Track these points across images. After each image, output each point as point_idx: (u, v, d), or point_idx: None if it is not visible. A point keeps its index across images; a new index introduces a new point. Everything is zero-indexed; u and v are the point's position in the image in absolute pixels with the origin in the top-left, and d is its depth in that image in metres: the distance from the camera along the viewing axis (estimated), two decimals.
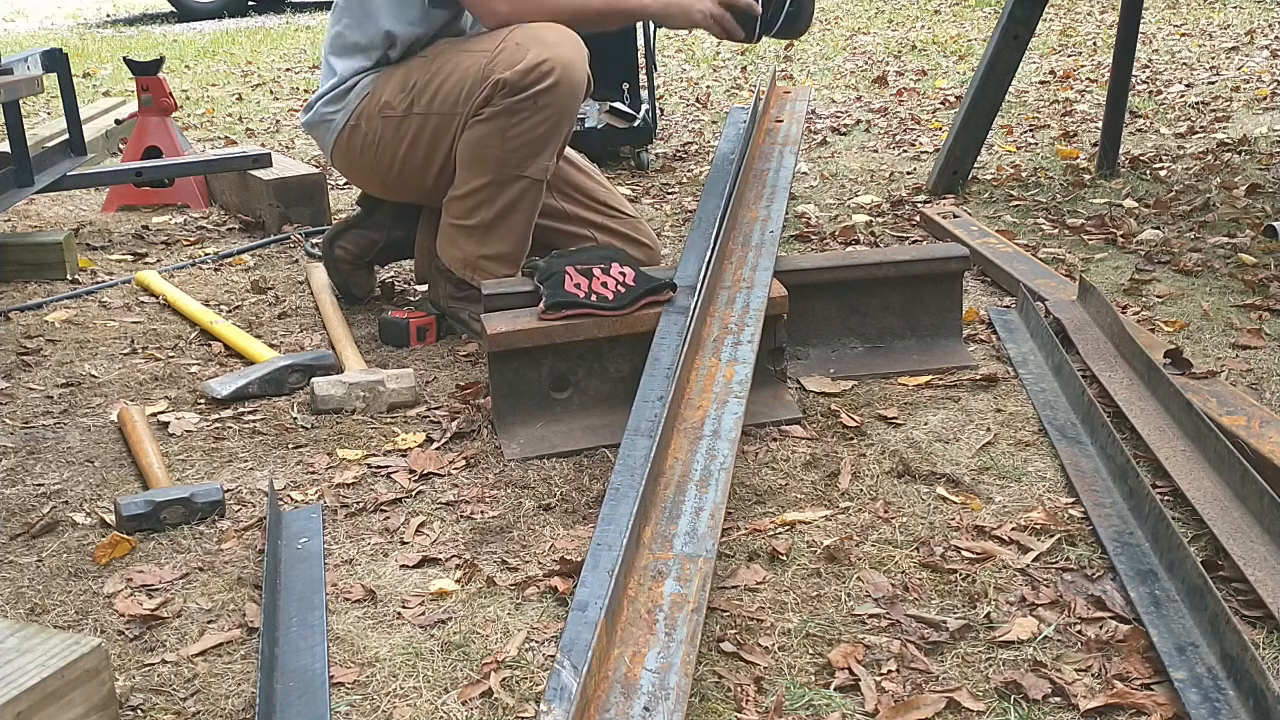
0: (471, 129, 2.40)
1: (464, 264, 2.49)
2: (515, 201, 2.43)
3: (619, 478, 1.64)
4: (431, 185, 2.53)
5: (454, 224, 2.49)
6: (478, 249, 2.47)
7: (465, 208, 2.45)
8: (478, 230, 2.46)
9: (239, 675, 1.45)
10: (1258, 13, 7.88)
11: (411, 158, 2.48)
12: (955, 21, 8.58)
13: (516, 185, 2.42)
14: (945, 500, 1.80)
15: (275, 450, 2.07)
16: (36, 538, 1.79)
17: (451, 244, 2.50)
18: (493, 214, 2.44)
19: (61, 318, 2.81)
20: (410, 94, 2.43)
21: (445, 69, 2.41)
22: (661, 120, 5.12)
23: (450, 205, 2.48)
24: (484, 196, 2.43)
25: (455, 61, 2.41)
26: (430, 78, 2.41)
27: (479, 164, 2.41)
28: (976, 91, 3.60)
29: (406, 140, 2.46)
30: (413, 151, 2.47)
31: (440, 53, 2.46)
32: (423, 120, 2.43)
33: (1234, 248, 2.94)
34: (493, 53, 2.36)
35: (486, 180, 2.41)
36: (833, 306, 2.29)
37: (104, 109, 5.53)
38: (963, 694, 1.34)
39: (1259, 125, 4.49)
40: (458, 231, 2.48)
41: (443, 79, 2.40)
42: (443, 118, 2.41)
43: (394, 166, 2.51)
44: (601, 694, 1.26)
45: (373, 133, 2.47)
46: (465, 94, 2.38)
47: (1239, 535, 1.58)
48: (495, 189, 2.42)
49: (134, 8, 13.43)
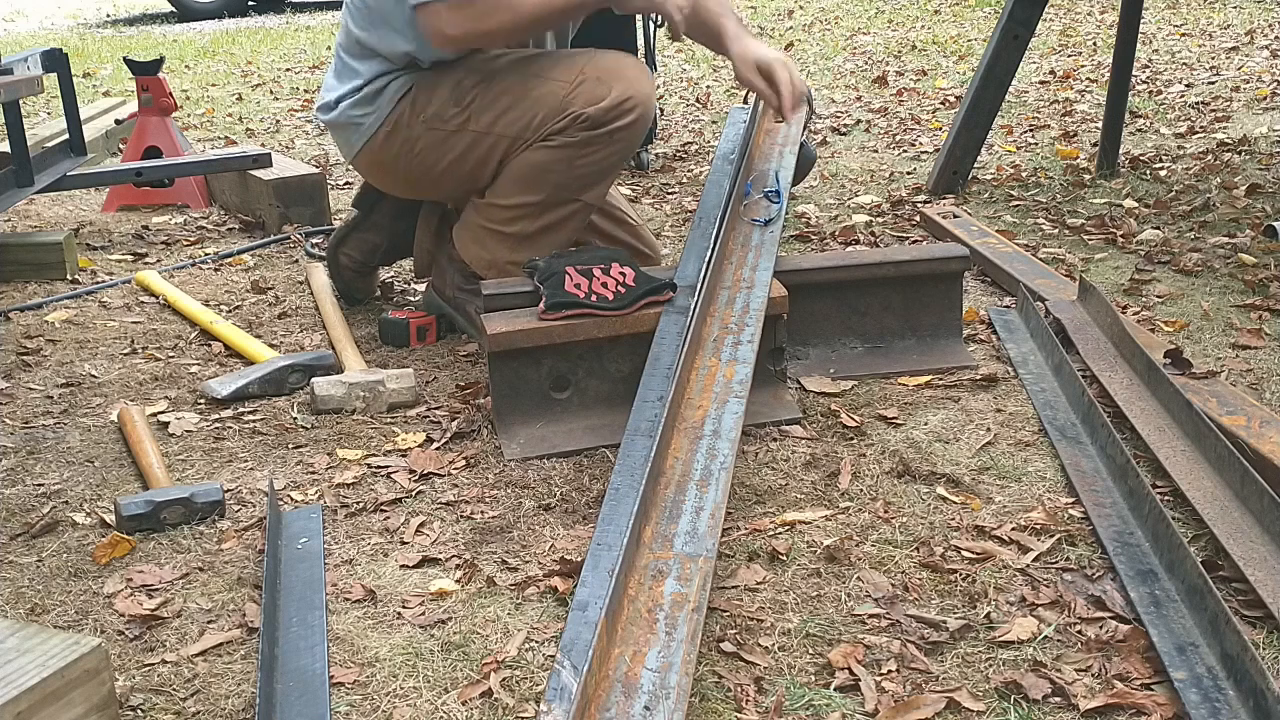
0: (535, 151, 2.34)
1: (488, 265, 2.44)
2: (562, 221, 2.41)
3: (619, 478, 1.64)
4: (466, 191, 2.49)
5: (487, 227, 2.43)
6: (509, 254, 2.41)
7: (506, 216, 2.41)
8: (512, 238, 2.41)
9: (239, 675, 1.45)
10: (1258, 13, 7.88)
11: (456, 169, 2.41)
12: (955, 21, 8.58)
13: (568, 207, 2.40)
14: (945, 500, 1.80)
15: (275, 450, 2.07)
16: (36, 538, 1.79)
17: (478, 244, 2.45)
18: (535, 228, 2.40)
19: (61, 318, 2.81)
20: (466, 110, 2.35)
21: (512, 93, 2.34)
22: (661, 120, 5.12)
23: (487, 209, 2.43)
24: (529, 212, 2.39)
25: (525, 87, 2.34)
26: (493, 99, 2.34)
27: (537, 184, 2.37)
28: (976, 91, 3.60)
29: (455, 153, 2.38)
30: (459, 164, 2.40)
31: (500, 71, 2.37)
32: (478, 138, 2.36)
33: (1234, 248, 2.94)
34: (571, 85, 2.31)
35: (538, 200, 2.38)
36: (833, 306, 2.29)
37: (104, 109, 5.53)
38: (963, 694, 1.34)
39: (1259, 125, 4.49)
40: (489, 235, 2.43)
41: (509, 104, 2.34)
42: (504, 139, 2.35)
43: (432, 173, 2.44)
44: (602, 693, 1.26)
45: (413, 141, 2.39)
46: (538, 122, 2.32)
47: (1239, 535, 1.58)
48: (544, 207, 2.39)
49: (134, 8, 13.43)
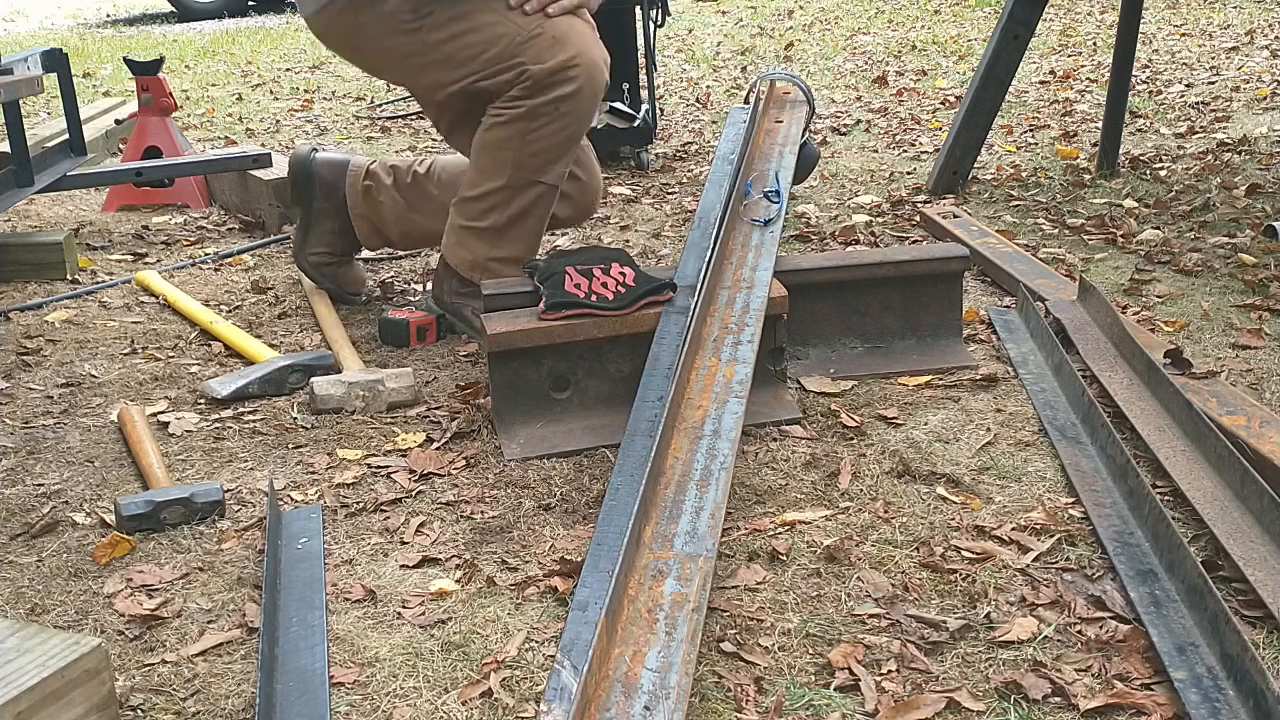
0: (491, 131, 2.37)
1: (472, 265, 2.47)
2: (530, 207, 2.42)
3: (619, 478, 1.64)
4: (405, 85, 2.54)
5: (464, 225, 2.47)
6: (488, 251, 2.45)
7: (478, 209, 2.44)
8: (489, 233, 2.44)
9: (239, 675, 1.45)
10: (1258, 13, 7.88)
11: (397, 67, 2.45)
12: (955, 21, 8.58)
13: (532, 191, 2.41)
14: (945, 500, 1.80)
15: (275, 450, 2.07)
16: (36, 538, 1.79)
17: (460, 245, 2.48)
18: (505, 218, 2.42)
19: (61, 318, 2.81)
20: (421, 20, 2.33)
21: (470, 20, 2.31)
22: (661, 120, 5.12)
23: (461, 206, 2.47)
24: (498, 200, 2.41)
25: (484, 18, 2.31)
26: (450, 19, 2.32)
27: (496, 166, 2.39)
28: (976, 91, 3.60)
29: (400, 54, 2.39)
30: (401, 65, 2.42)
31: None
32: (424, 50, 2.36)
33: (1234, 248, 2.94)
34: (528, 34, 2.29)
35: (502, 184, 2.40)
36: (833, 306, 2.29)
37: (104, 109, 5.53)
38: (963, 694, 1.34)
39: (1259, 125, 4.49)
40: (468, 233, 2.47)
41: (464, 29, 2.32)
42: (447, 66, 2.35)
43: (376, 60, 2.48)
44: (602, 693, 1.26)
45: (364, 26, 2.38)
46: (484, 60, 2.32)
47: (1239, 535, 1.58)
48: (510, 193, 2.41)
49: (134, 8, 13.42)
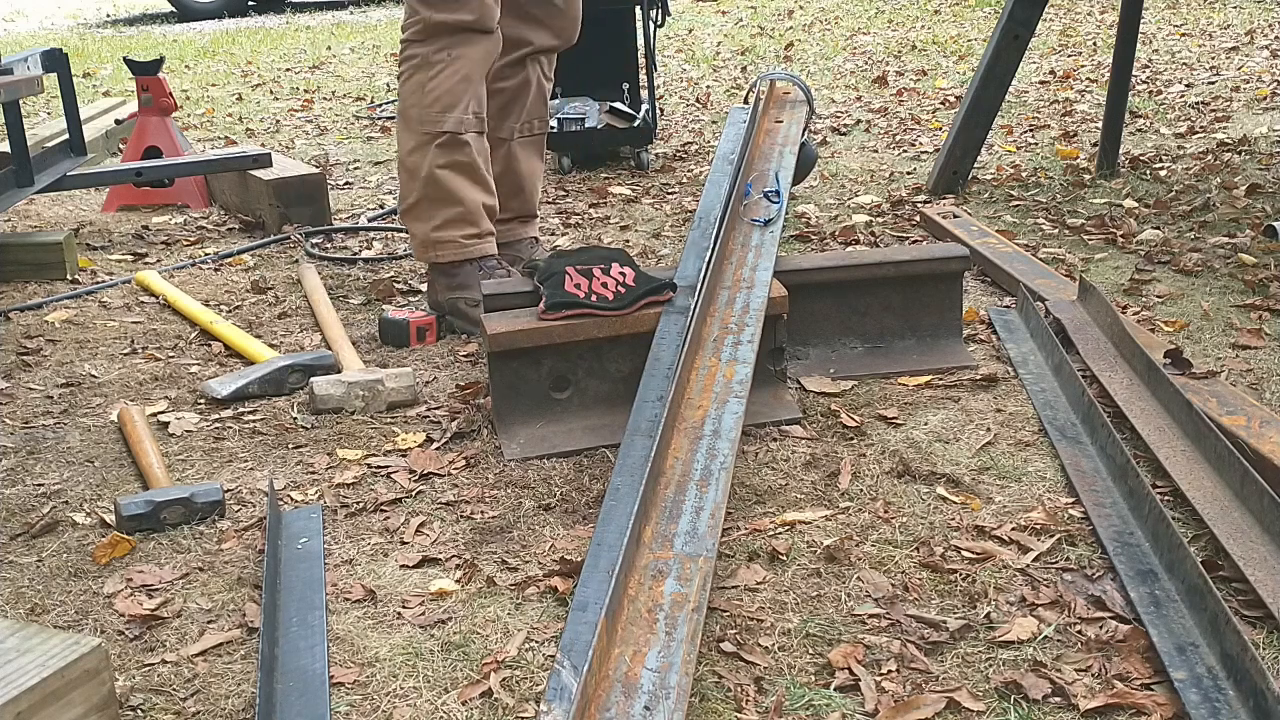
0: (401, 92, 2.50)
1: (424, 246, 2.57)
2: (442, 165, 2.50)
3: (619, 478, 1.64)
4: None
5: (403, 214, 2.60)
6: (426, 227, 2.55)
7: (402, 193, 2.56)
8: (416, 208, 2.55)
9: (239, 675, 1.45)
10: (1258, 13, 7.88)
11: None
12: (955, 21, 8.58)
13: (439, 142, 2.48)
14: (945, 500, 1.80)
15: (275, 450, 2.07)
16: (36, 538, 1.79)
17: (411, 235, 2.62)
18: (420, 185, 2.51)
19: (61, 318, 2.81)
20: None
21: None
22: (661, 120, 5.12)
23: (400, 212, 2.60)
24: (411, 166, 2.52)
25: None
26: None
27: (405, 126, 2.52)
28: (976, 91, 3.60)
29: None
30: None
31: None
32: None
33: (1234, 248, 2.94)
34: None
35: (415, 142, 2.50)
36: (833, 306, 2.29)
37: (104, 109, 5.53)
38: (963, 694, 1.34)
39: (1259, 125, 4.49)
40: (408, 220, 2.60)
41: None
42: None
43: None
44: (602, 693, 1.26)
45: None
46: None
47: (1239, 535, 1.58)
48: (420, 154, 2.50)
49: (134, 8, 13.42)
